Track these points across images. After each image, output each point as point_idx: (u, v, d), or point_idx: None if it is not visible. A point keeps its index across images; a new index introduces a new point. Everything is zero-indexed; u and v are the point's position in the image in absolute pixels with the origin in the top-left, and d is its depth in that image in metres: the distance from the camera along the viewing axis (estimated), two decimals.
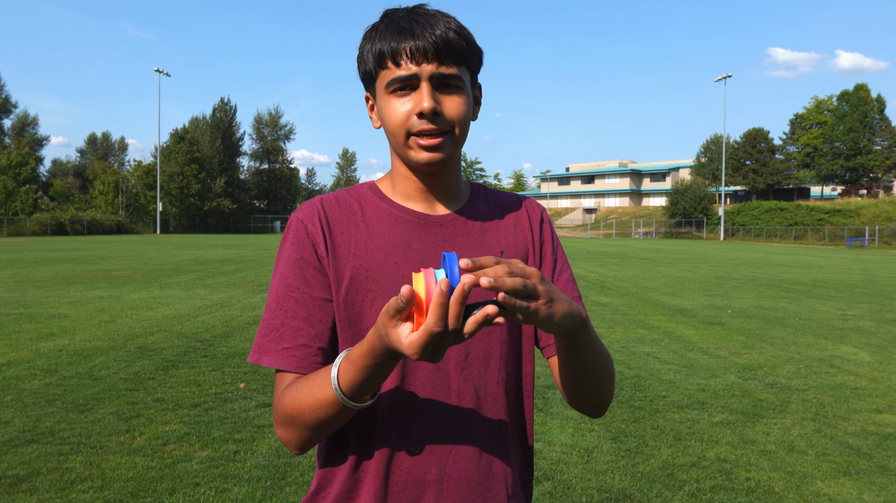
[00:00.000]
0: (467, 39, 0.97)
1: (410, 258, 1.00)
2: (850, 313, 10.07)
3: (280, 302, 0.99)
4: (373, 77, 0.99)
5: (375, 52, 0.96)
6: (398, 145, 0.97)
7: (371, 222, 1.02)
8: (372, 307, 0.97)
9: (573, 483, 3.44)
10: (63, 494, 3.18)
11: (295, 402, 0.92)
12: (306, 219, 1.01)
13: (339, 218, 1.02)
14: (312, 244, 1.00)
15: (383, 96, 0.97)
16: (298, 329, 0.97)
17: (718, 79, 63.61)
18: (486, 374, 1.01)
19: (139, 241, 40.86)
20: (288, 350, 0.97)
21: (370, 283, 0.98)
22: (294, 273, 0.99)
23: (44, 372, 5.56)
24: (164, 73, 66.02)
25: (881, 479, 3.56)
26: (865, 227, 49.15)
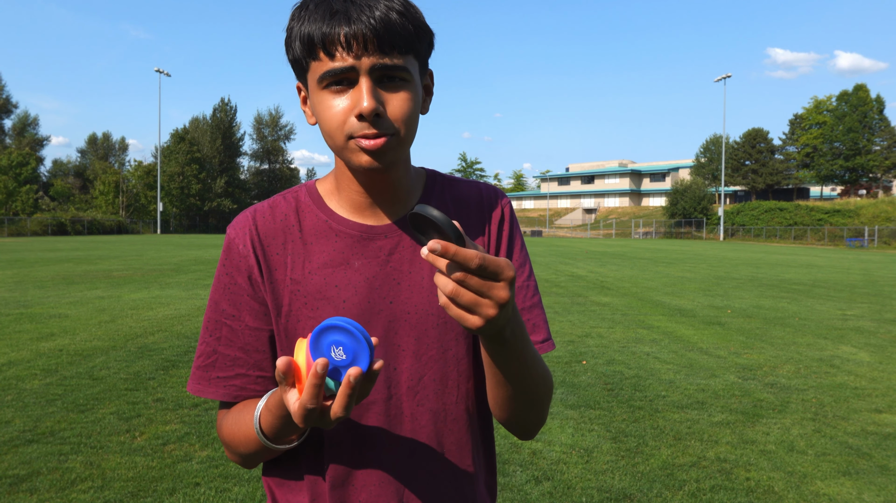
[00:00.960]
0: (414, 21, 0.82)
1: (352, 279, 0.89)
2: (849, 313, 10.07)
3: (211, 328, 0.92)
4: (303, 67, 0.85)
5: (304, 38, 0.81)
6: (335, 147, 0.84)
7: (309, 238, 0.91)
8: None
9: (573, 483, 3.44)
10: (63, 494, 3.18)
11: (230, 433, 0.90)
12: (238, 238, 0.92)
13: (275, 234, 0.92)
14: (246, 268, 0.91)
15: (316, 91, 0.83)
16: (235, 359, 0.91)
17: (718, 79, 63.66)
18: (444, 395, 0.93)
19: (139, 240, 40.86)
20: (224, 380, 0.91)
21: (309, 311, 0.89)
22: (227, 298, 0.91)
23: (44, 372, 5.56)
24: (164, 74, 66.04)
25: (881, 479, 3.56)
26: (865, 227, 49.16)
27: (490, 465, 1.04)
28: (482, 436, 1.01)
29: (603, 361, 6.31)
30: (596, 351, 6.82)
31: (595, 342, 7.31)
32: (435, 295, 0.91)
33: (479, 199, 0.99)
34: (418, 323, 0.91)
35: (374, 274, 0.90)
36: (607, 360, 6.36)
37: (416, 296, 0.91)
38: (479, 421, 0.99)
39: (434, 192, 0.98)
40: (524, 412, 0.91)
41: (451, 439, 0.94)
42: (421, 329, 0.91)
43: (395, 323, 0.90)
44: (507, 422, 0.94)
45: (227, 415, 0.92)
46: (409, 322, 0.90)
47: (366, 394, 0.71)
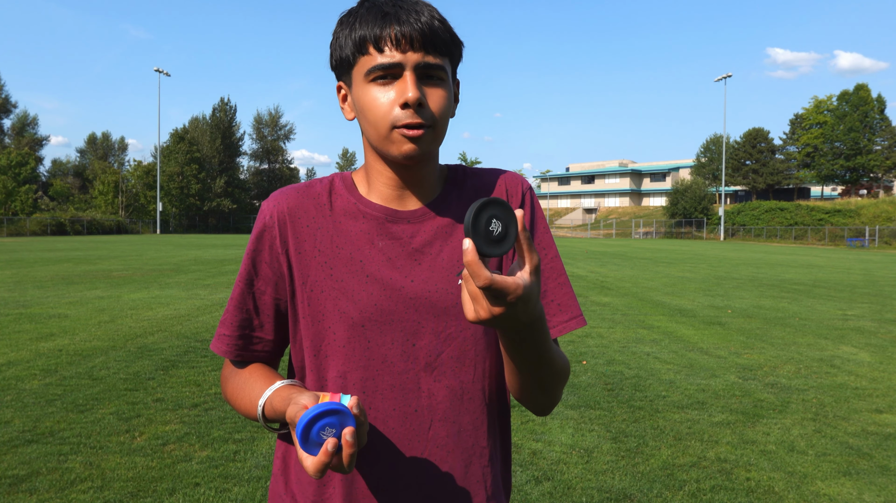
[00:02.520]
0: (450, 31, 0.92)
1: (376, 257, 0.96)
2: (850, 313, 10.07)
3: (234, 290, 1.02)
4: (349, 64, 0.92)
5: (356, 38, 0.89)
6: (378, 137, 0.91)
7: (338, 217, 0.98)
8: (335, 306, 0.95)
9: (573, 483, 3.44)
10: (63, 494, 3.18)
11: (234, 396, 1.00)
12: (267, 210, 1.00)
13: (306, 209, 0.99)
14: (269, 238, 0.99)
15: (362, 84, 0.91)
16: (241, 319, 1.00)
17: (718, 79, 63.64)
18: (462, 373, 0.97)
19: (139, 240, 40.86)
20: (228, 338, 1.01)
21: (333, 282, 0.95)
22: (246, 264, 1.00)
23: (44, 372, 5.55)
24: (164, 73, 66.03)
25: (881, 479, 3.56)
26: (865, 226, 49.15)
27: (505, 455, 1.06)
28: (499, 420, 1.04)
29: (603, 361, 6.31)
30: (596, 351, 6.82)
31: (595, 342, 7.31)
32: (454, 275, 0.97)
33: (501, 185, 1.04)
34: (438, 301, 0.95)
35: (397, 253, 0.96)
36: (607, 360, 6.36)
37: (436, 275, 0.96)
38: (498, 404, 1.02)
39: (456, 181, 1.03)
40: (538, 396, 0.95)
41: (467, 418, 0.97)
42: (440, 307, 0.95)
43: (415, 300, 0.95)
44: (521, 401, 0.98)
45: (232, 375, 1.02)
46: (428, 300, 0.95)
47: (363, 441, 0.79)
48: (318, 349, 0.96)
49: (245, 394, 0.97)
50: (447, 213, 0.99)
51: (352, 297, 0.94)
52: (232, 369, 1.04)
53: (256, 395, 0.95)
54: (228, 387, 1.02)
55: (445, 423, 0.95)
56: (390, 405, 0.94)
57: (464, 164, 1.07)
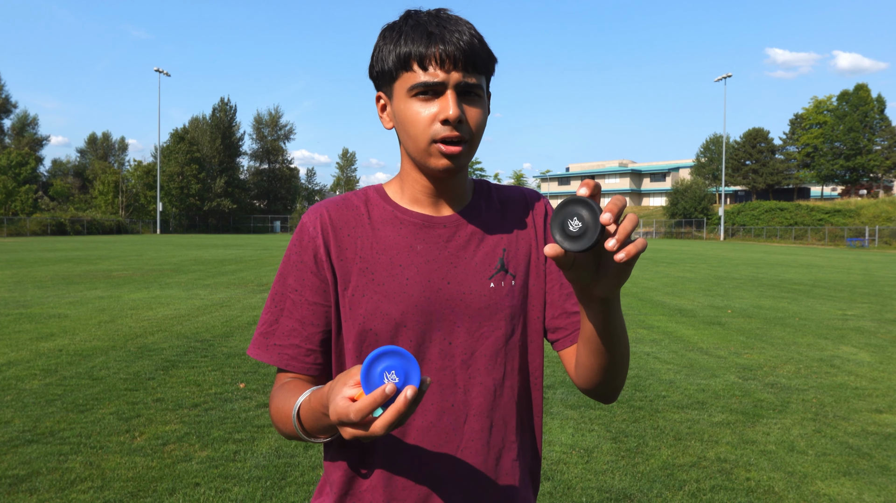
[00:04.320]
0: (487, 49, 0.98)
1: (415, 260, 1.01)
2: (850, 313, 10.07)
3: (277, 299, 1.03)
4: (392, 77, 0.97)
5: (401, 54, 0.94)
6: (417, 150, 0.97)
7: (377, 225, 1.03)
8: (378, 308, 0.99)
9: (573, 483, 3.44)
10: (63, 494, 3.18)
11: (277, 410, 0.98)
12: (310, 222, 1.03)
13: (347, 219, 1.04)
14: (313, 248, 1.02)
15: (403, 99, 0.96)
16: (292, 329, 1.02)
17: (718, 79, 63.64)
18: (494, 370, 1.02)
19: (139, 241, 40.87)
20: (280, 348, 1.02)
21: (375, 286, 1.00)
22: (293, 274, 1.02)
23: (44, 372, 5.56)
24: (164, 73, 66.04)
25: (881, 479, 3.56)
26: (865, 227, 49.16)
27: (534, 452, 1.11)
28: (528, 416, 1.09)
29: None
30: None
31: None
32: (486, 278, 1.03)
33: (523, 199, 1.13)
34: (472, 302, 1.01)
35: (434, 257, 1.02)
36: None
37: (471, 278, 1.02)
38: (527, 401, 1.09)
39: (483, 193, 1.11)
40: (621, 373, 0.99)
41: (498, 414, 1.03)
42: (474, 308, 1.01)
43: (451, 301, 1.01)
44: (599, 389, 1.01)
45: (279, 390, 1.01)
46: (463, 301, 1.01)
47: (410, 413, 0.75)
48: (361, 351, 1.00)
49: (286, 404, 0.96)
50: (478, 220, 1.06)
51: (393, 299, 0.99)
52: (280, 385, 1.02)
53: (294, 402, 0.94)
54: (273, 404, 1.00)
55: (479, 418, 1.01)
56: (429, 400, 0.99)
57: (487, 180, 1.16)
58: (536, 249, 1.09)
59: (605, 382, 0.99)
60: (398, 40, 0.95)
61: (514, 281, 1.05)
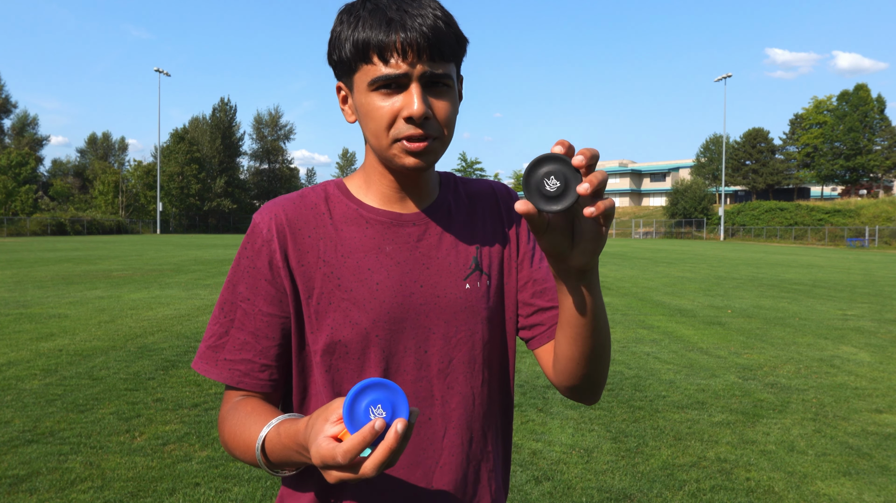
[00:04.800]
0: (456, 31, 0.88)
1: (384, 262, 0.93)
2: (850, 313, 10.07)
3: (226, 309, 0.93)
4: (350, 69, 0.88)
5: (358, 42, 0.85)
6: (380, 148, 0.89)
7: (340, 224, 0.94)
8: (346, 317, 0.90)
9: (573, 483, 3.44)
10: (63, 494, 3.18)
11: (231, 434, 0.90)
12: (263, 223, 0.93)
13: (306, 219, 0.94)
14: (268, 253, 0.92)
15: (364, 93, 0.87)
16: (244, 342, 0.92)
17: (718, 79, 63.66)
18: (472, 379, 0.96)
19: (139, 240, 40.86)
20: (230, 363, 0.92)
21: (342, 293, 0.91)
22: (245, 282, 0.92)
23: (44, 372, 5.56)
24: (164, 73, 66.04)
25: (881, 479, 3.56)
26: (865, 227, 49.15)
27: (506, 456, 1.06)
28: (503, 426, 1.04)
29: None
30: None
31: None
32: (461, 279, 0.96)
33: (491, 192, 1.06)
34: (447, 306, 0.94)
35: (405, 258, 0.93)
36: None
37: (445, 280, 0.95)
38: (501, 410, 1.03)
39: (450, 187, 1.03)
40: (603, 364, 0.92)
41: (478, 424, 0.97)
42: (450, 312, 0.94)
43: (425, 306, 0.93)
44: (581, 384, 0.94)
45: (231, 411, 0.92)
46: (438, 305, 0.94)
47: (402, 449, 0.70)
48: (330, 364, 0.91)
49: (244, 429, 0.88)
50: (449, 217, 0.99)
51: (363, 307, 0.90)
52: (231, 405, 0.93)
53: (255, 431, 0.86)
54: (226, 427, 0.91)
55: (459, 431, 0.95)
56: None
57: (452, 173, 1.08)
58: (508, 243, 1.02)
59: (587, 374, 0.92)
60: (356, 26, 0.86)
61: (490, 281, 0.99)
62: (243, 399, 0.93)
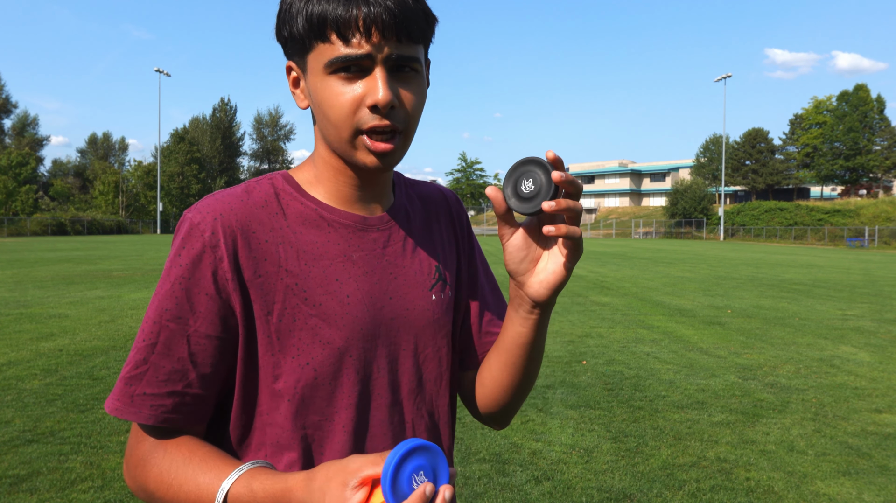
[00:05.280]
0: (424, 8, 0.77)
1: (352, 272, 0.81)
2: (849, 313, 10.07)
3: (147, 332, 0.75)
4: (304, 47, 0.76)
5: (313, 17, 0.72)
6: (339, 141, 0.77)
7: (296, 226, 0.80)
8: (315, 336, 0.77)
9: (573, 483, 3.44)
10: (63, 494, 3.18)
11: (166, 486, 0.74)
12: (206, 224, 0.76)
13: (260, 220, 0.78)
14: (212, 261, 0.75)
15: (319, 76, 0.75)
16: (171, 372, 0.75)
17: (718, 79, 63.67)
18: (439, 398, 0.89)
19: (139, 240, 40.87)
20: (151, 397, 0.74)
21: (310, 307, 0.78)
22: (175, 296, 0.75)
23: (44, 372, 5.56)
24: (164, 74, 66.06)
25: (881, 479, 3.56)
26: (865, 227, 49.16)
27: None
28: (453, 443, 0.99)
29: (603, 361, 6.31)
30: (596, 351, 6.82)
31: (595, 342, 7.31)
32: (427, 290, 0.88)
33: (443, 198, 0.99)
34: (415, 319, 0.86)
35: (373, 267, 0.83)
36: (607, 360, 6.36)
37: (413, 291, 0.86)
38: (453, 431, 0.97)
39: (402, 189, 0.95)
40: (526, 394, 0.92)
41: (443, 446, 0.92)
42: (419, 326, 0.86)
43: (395, 320, 0.84)
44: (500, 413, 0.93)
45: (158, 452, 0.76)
46: (408, 319, 0.86)
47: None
48: (295, 393, 0.77)
49: (186, 479, 0.73)
50: (408, 222, 0.90)
51: (335, 323, 0.78)
52: (152, 446, 0.76)
53: (208, 482, 0.71)
54: (152, 473, 0.75)
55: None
56: (380, 445, 0.83)
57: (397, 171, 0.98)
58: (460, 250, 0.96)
59: (509, 403, 0.90)
60: (301, 5, 0.74)
61: (451, 292, 0.92)
62: (172, 438, 0.77)
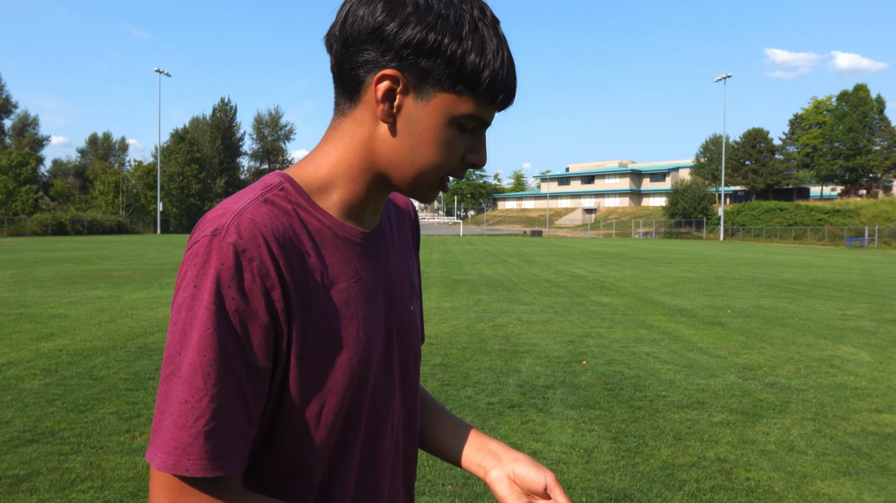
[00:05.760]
0: None
1: (362, 292, 0.79)
2: (849, 313, 10.07)
3: (213, 376, 0.65)
4: (438, 81, 0.71)
5: (475, 70, 0.71)
6: (416, 177, 0.76)
7: (317, 247, 0.75)
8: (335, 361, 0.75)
9: (573, 483, 3.44)
10: (63, 494, 3.18)
11: None
12: (253, 248, 0.68)
13: (294, 239, 0.73)
14: (266, 289, 0.68)
15: (441, 118, 0.73)
16: (242, 415, 0.68)
17: (718, 79, 63.69)
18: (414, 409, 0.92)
19: (139, 240, 40.86)
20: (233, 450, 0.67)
21: (332, 334, 0.74)
22: (233, 332, 0.66)
23: (44, 372, 5.56)
24: (164, 74, 66.04)
25: (881, 479, 3.56)
26: (865, 227, 49.17)
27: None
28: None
29: (603, 361, 6.31)
30: (596, 351, 6.82)
31: (595, 342, 7.31)
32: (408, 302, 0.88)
33: (407, 205, 0.99)
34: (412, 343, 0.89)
35: (376, 285, 0.81)
36: (607, 360, 6.36)
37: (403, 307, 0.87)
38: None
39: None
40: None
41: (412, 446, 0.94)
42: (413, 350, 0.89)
43: (398, 335, 0.85)
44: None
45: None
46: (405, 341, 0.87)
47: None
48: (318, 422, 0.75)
49: None
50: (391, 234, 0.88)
51: (354, 347, 0.76)
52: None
53: None
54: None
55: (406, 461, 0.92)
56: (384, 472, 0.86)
57: None
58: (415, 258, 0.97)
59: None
60: (482, 49, 0.71)
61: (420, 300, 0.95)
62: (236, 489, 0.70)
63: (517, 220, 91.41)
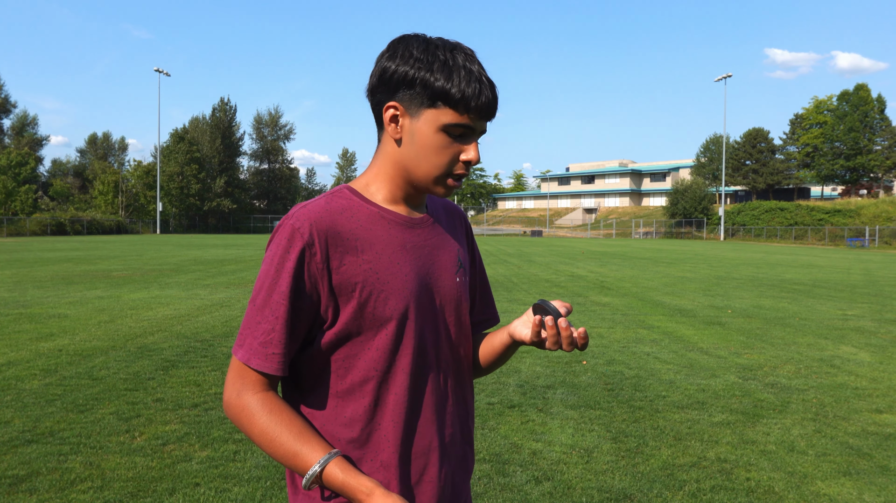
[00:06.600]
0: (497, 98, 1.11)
1: (407, 257, 1.10)
2: (850, 313, 10.07)
3: (276, 306, 1.02)
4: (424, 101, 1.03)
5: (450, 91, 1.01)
6: (427, 176, 1.07)
7: (367, 225, 1.08)
8: (385, 305, 1.06)
9: (573, 483, 3.44)
10: (63, 494, 3.18)
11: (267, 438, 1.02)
12: (305, 228, 1.03)
13: (341, 223, 1.06)
14: (310, 256, 1.03)
15: (432, 127, 1.04)
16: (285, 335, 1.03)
17: (718, 79, 63.63)
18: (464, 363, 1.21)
19: (139, 240, 40.86)
20: (278, 356, 1.03)
21: (381, 284, 1.06)
22: (286, 280, 1.02)
23: (44, 372, 5.55)
24: (164, 73, 66.01)
25: (881, 479, 3.56)
26: (865, 227, 49.15)
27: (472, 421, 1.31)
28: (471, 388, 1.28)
29: (603, 361, 6.31)
30: (596, 351, 6.82)
31: (595, 342, 7.30)
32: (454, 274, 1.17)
33: (457, 210, 1.30)
34: (451, 298, 1.16)
35: (420, 254, 1.12)
36: (607, 360, 6.36)
37: (446, 274, 1.16)
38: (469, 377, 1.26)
39: (431, 198, 1.24)
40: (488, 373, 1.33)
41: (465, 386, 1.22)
42: (454, 304, 1.16)
43: (439, 294, 1.14)
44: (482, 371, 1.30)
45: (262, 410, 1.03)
46: (448, 294, 1.15)
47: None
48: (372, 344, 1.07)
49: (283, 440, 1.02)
50: (440, 222, 1.20)
51: (401, 296, 1.07)
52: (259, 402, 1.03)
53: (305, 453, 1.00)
54: (258, 424, 1.03)
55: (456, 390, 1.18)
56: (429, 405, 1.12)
57: None
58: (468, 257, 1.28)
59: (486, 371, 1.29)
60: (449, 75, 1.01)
61: (467, 278, 1.23)
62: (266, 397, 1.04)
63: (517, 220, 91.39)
